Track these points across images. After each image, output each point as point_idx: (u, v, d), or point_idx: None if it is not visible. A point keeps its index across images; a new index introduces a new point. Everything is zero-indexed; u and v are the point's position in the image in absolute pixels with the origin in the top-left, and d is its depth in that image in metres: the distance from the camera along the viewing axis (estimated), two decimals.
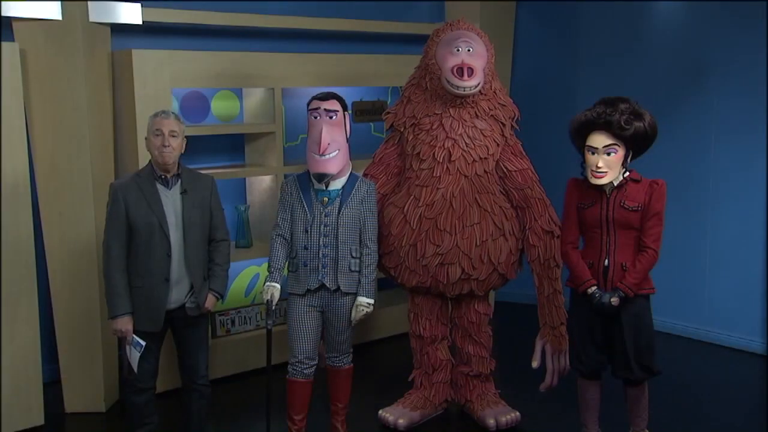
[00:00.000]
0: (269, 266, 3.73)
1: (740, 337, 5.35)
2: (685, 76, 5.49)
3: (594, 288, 3.52)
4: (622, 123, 3.39)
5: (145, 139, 3.54)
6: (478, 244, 3.91)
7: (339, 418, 3.94)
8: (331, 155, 3.62)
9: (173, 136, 3.48)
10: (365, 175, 4.13)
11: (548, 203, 4.06)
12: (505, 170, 4.05)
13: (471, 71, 3.82)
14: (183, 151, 3.56)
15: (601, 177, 3.45)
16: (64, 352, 4.36)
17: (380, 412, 4.26)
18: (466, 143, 3.93)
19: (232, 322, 4.93)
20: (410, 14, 6.01)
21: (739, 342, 5.36)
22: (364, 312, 3.72)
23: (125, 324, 3.48)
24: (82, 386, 4.40)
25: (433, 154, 3.94)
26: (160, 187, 3.52)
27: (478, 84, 3.87)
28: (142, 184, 3.50)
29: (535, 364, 4.09)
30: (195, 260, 3.57)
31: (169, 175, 3.53)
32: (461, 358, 4.28)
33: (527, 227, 4.03)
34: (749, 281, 5.26)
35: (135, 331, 3.49)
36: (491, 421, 4.15)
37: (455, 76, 3.82)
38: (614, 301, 3.47)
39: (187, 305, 3.58)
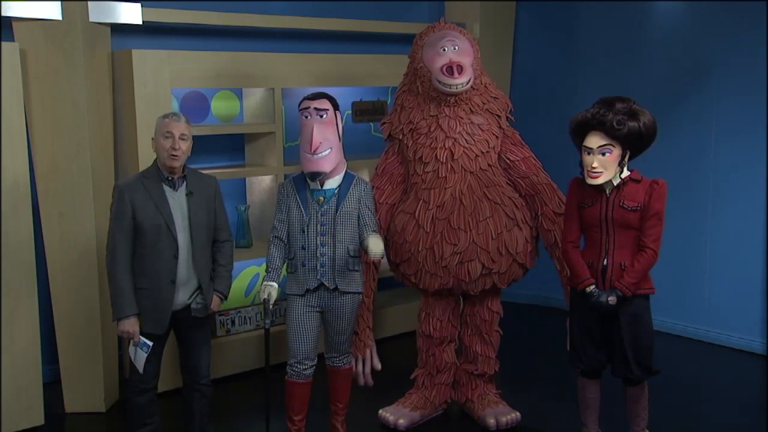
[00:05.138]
0: (267, 266, 3.72)
1: (740, 337, 5.35)
2: (685, 76, 5.49)
3: (592, 287, 3.53)
4: (614, 123, 3.40)
5: (152, 139, 3.53)
6: (494, 237, 3.91)
7: (339, 418, 3.94)
8: (323, 153, 3.63)
9: (183, 140, 3.47)
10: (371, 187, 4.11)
11: (555, 187, 4.08)
12: (508, 161, 4.07)
13: (460, 68, 3.85)
14: (190, 154, 3.56)
15: (597, 177, 3.47)
16: (64, 352, 4.36)
17: (380, 412, 4.26)
18: (466, 140, 3.94)
19: (232, 322, 4.93)
20: (410, 14, 6.01)
21: (739, 342, 5.35)
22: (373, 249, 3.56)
23: (132, 325, 3.46)
24: (82, 386, 4.40)
25: (436, 155, 3.94)
26: (166, 188, 3.50)
27: (469, 80, 3.90)
28: (148, 185, 3.48)
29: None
30: (202, 261, 3.56)
31: (175, 177, 3.52)
32: (467, 357, 4.28)
33: (539, 213, 4.05)
34: (749, 281, 5.25)
35: (140, 333, 3.48)
36: (491, 421, 4.15)
37: (445, 75, 3.85)
38: (611, 300, 3.48)
39: (193, 306, 3.57)
